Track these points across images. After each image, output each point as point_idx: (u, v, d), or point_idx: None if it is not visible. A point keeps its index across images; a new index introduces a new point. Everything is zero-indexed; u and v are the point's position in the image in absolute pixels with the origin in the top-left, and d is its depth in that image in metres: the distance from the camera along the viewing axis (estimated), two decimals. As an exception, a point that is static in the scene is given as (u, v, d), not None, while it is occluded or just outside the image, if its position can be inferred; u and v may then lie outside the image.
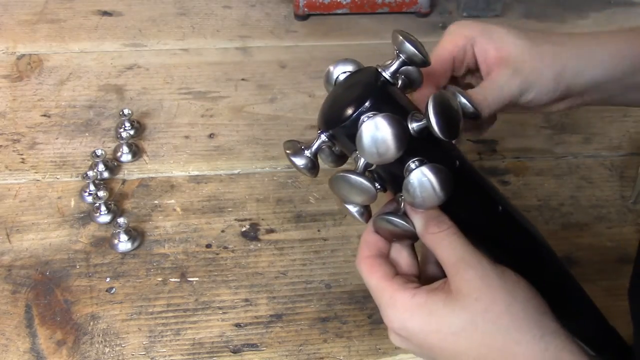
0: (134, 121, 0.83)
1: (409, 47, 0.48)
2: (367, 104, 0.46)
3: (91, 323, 0.65)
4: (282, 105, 0.89)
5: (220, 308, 0.67)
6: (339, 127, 0.47)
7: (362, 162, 0.47)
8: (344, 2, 1.01)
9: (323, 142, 0.50)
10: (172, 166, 0.80)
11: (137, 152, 0.81)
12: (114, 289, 0.68)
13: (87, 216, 0.74)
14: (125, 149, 0.80)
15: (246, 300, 0.68)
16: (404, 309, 0.46)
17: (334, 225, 0.75)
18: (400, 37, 0.48)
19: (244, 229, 0.74)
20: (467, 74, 0.58)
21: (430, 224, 0.47)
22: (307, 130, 0.85)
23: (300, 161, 0.50)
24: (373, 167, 0.49)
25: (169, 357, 0.63)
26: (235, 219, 0.75)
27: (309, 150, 0.50)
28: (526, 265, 0.51)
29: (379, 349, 0.65)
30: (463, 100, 0.52)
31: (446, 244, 0.47)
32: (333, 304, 0.68)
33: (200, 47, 0.97)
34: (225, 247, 0.72)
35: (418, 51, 0.48)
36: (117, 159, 0.80)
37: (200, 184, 0.79)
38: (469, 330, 0.44)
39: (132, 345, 0.64)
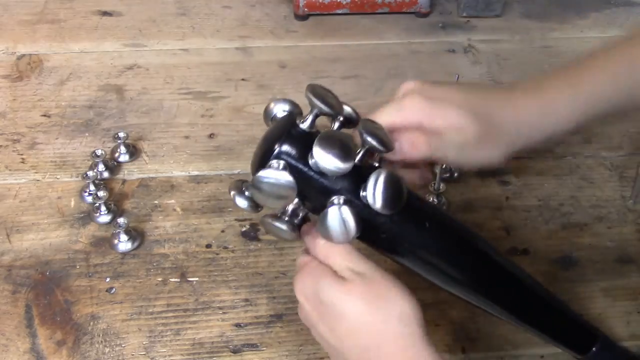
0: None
1: (319, 103, 0.51)
2: (275, 147, 0.50)
3: (91, 323, 0.65)
4: (282, 105, 0.89)
5: (220, 308, 0.67)
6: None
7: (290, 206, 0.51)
8: (344, 2, 1.01)
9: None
10: (172, 166, 0.80)
11: (134, 152, 0.81)
12: (114, 289, 0.68)
13: (87, 216, 0.74)
14: (122, 149, 0.80)
15: (246, 300, 0.68)
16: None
17: (334, 225, 0.75)
18: (310, 93, 0.51)
19: (244, 229, 0.74)
20: None
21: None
22: (307, 130, 0.85)
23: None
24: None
25: (169, 357, 0.63)
26: (235, 219, 0.75)
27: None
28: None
29: (379, 349, 0.64)
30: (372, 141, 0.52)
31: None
32: (333, 304, 0.68)
33: (200, 47, 0.97)
34: (225, 247, 0.72)
35: (328, 106, 0.51)
36: (115, 160, 0.80)
37: (200, 184, 0.79)
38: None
39: (132, 345, 0.64)
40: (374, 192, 0.49)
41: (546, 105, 0.58)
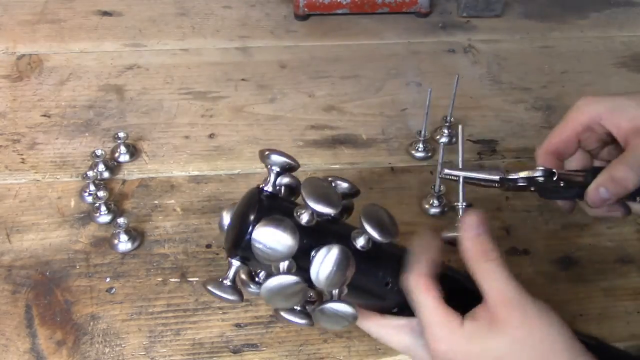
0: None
1: (276, 157, 0.52)
2: (251, 217, 0.50)
3: (91, 323, 0.65)
4: (282, 105, 0.89)
5: (220, 308, 0.67)
6: (241, 248, 0.50)
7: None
8: (344, 2, 1.01)
9: (237, 267, 0.52)
10: (172, 166, 0.80)
11: (134, 152, 0.81)
12: (114, 289, 0.68)
13: (87, 216, 0.74)
14: (122, 149, 0.80)
15: (246, 300, 0.68)
16: (453, 334, 0.49)
17: (334, 225, 0.75)
18: (266, 152, 0.52)
19: (244, 229, 0.74)
20: (602, 147, 0.60)
21: (480, 255, 0.50)
22: (307, 130, 0.85)
23: (223, 293, 0.52)
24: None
25: (169, 357, 0.63)
26: (235, 219, 0.75)
27: (227, 280, 0.52)
28: None
29: (379, 349, 0.65)
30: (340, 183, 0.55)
31: (492, 275, 0.50)
32: (333, 304, 0.68)
33: (200, 47, 0.97)
34: (225, 247, 0.72)
35: (286, 158, 0.52)
36: (115, 160, 0.80)
37: (200, 184, 0.79)
38: (510, 355, 0.48)
39: (132, 345, 0.64)
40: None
41: None
